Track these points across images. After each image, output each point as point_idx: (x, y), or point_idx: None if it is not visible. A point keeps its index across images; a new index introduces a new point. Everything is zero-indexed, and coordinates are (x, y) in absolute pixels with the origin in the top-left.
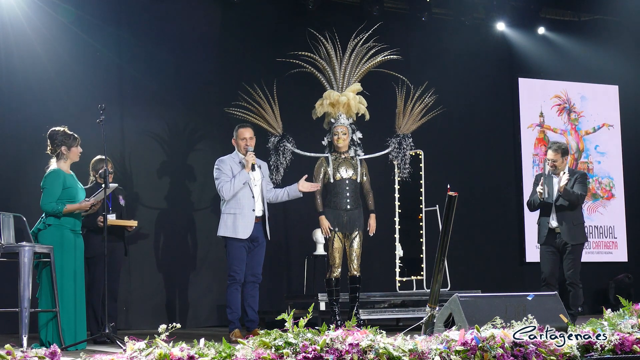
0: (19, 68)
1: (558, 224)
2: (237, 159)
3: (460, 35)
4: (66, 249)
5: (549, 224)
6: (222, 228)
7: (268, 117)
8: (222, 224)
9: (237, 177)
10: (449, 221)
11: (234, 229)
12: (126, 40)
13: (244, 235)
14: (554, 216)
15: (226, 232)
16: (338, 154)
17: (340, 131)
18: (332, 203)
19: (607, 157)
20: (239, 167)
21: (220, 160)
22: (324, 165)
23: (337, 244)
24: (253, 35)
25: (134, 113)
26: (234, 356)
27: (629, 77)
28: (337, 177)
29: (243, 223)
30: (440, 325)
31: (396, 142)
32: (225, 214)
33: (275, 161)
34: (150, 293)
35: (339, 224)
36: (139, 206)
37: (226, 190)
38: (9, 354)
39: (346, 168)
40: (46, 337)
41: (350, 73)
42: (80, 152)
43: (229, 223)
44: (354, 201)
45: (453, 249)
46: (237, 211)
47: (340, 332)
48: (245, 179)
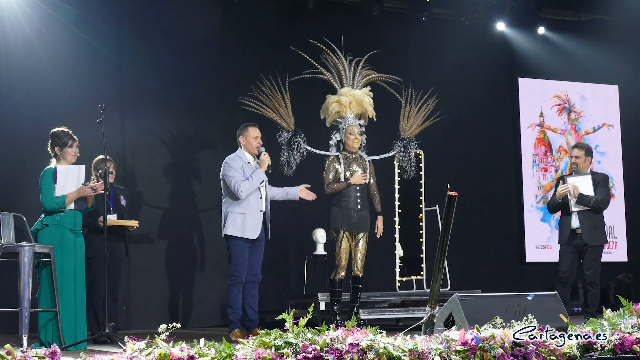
0: (19, 68)
1: (580, 225)
2: (246, 159)
3: (460, 35)
4: (66, 248)
5: (570, 225)
6: (230, 227)
7: (281, 110)
8: (230, 224)
9: (254, 177)
10: (449, 221)
11: (243, 229)
12: (126, 40)
13: (252, 236)
14: (575, 217)
15: (235, 232)
16: (349, 154)
17: (356, 131)
18: (342, 202)
19: (607, 157)
20: (248, 167)
21: (230, 159)
22: (335, 163)
23: (344, 244)
24: (253, 35)
25: (134, 113)
26: (234, 356)
27: (629, 77)
28: (348, 176)
29: (252, 223)
30: (440, 325)
31: (401, 146)
32: (234, 213)
33: (287, 157)
34: (151, 293)
35: (348, 223)
36: (139, 206)
37: (244, 189)
38: (9, 354)
39: (356, 168)
40: (46, 337)
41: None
42: (75, 152)
43: (238, 223)
44: (363, 202)
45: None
46: (247, 211)
47: (340, 332)
48: (262, 178)
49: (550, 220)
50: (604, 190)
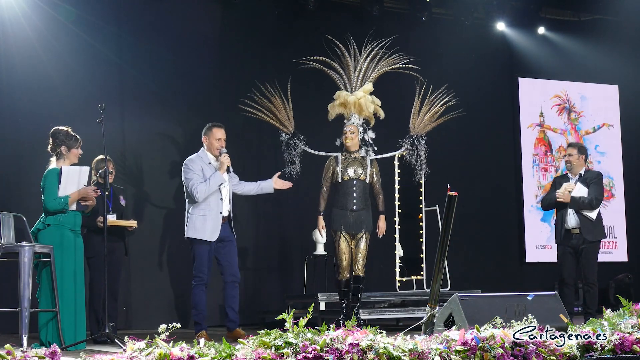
0: (19, 68)
1: (576, 224)
2: (207, 159)
3: (460, 35)
4: (66, 248)
5: (565, 224)
6: (190, 230)
7: (280, 115)
8: (190, 226)
9: (212, 180)
10: (449, 221)
11: (203, 231)
12: (126, 40)
13: (212, 238)
14: (570, 217)
15: (195, 234)
16: (349, 154)
17: (348, 130)
18: (339, 203)
19: (607, 157)
20: (209, 168)
21: (190, 160)
22: (333, 164)
23: (342, 245)
24: (253, 35)
25: (134, 113)
26: (234, 356)
27: (629, 77)
28: (345, 177)
29: (212, 225)
30: (440, 325)
31: (409, 143)
32: (195, 215)
33: (287, 157)
34: (151, 293)
35: (345, 223)
36: (140, 206)
37: (201, 192)
38: (9, 354)
39: (355, 168)
40: (46, 337)
41: (365, 74)
42: (80, 154)
43: (198, 225)
44: (361, 202)
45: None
46: (207, 213)
47: (340, 332)
48: (220, 181)
49: (550, 220)
50: (596, 189)
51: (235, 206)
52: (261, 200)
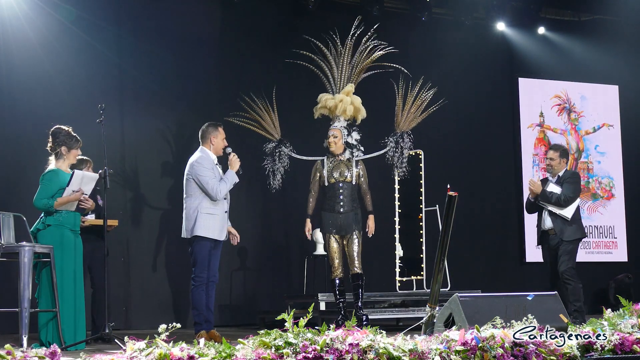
0: (19, 68)
1: (551, 225)
2: (213, 159)
3: (460, 35)
4: (66, 249)
5: (542, 226)
6: (199, 228)
7: (266, 124)
8: (199, 224)
9: (228, 179)
10: (449, 221)
11: (214, 230)
12: (126, 40)
13: (221, 237)
14: (545, 218)
15: (207, 233)
16: (334, 157)
17: (331, 134)
18: (328, 206)
19: (607, 157)
20: (217, 168)
21: (202, 158)
22: (319, 168)
23: (333, 245)
24: (253, 35)
25: (134, 113)
26: (234, 356)
27: (629, 77)
28: (331, 180)
29: (220, 225)
30: (440, 325)
31: (393, 141)
32: (205, 214)
33: (272, 166)
34: (151, 293)
35: (335, 225)
36: (139, 206)
37: (222, 191)
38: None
39: (341, 171)
40: (46, 337)
41: (350, 73)
42: (79, 154)
43: (210, 223)
44: (348, 204)
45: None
46: (217, 212)
47: (340, 332)
48: (235, 180)
49: None
50: (567, 187)
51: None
52: (261, 200)
